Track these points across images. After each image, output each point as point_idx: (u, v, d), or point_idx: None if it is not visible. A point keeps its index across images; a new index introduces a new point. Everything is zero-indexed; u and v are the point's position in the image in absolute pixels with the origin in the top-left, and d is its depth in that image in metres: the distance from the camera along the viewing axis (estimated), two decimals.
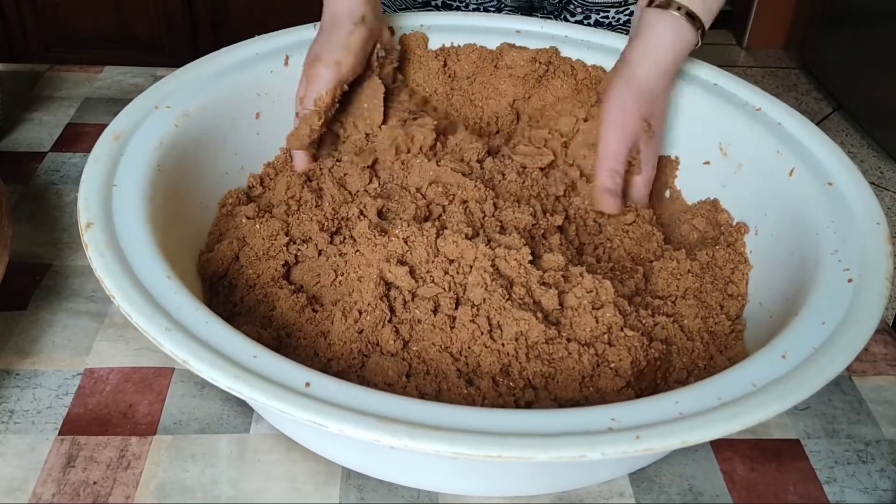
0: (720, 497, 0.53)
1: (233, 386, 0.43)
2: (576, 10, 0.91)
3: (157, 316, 0.46)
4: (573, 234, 0.65)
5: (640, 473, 0.54)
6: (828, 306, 0.50)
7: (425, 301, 0.54)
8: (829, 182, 0.61)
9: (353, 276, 0.56)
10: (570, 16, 0.92)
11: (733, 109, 0.69)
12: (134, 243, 0.51)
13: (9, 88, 0.88)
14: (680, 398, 0.44)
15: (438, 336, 0.52)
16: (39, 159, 0.80)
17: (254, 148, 0.70)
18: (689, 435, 0.41)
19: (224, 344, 0.45)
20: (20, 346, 0.61)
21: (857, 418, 0.59)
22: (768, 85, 2.80)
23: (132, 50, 2.12)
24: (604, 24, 0.92)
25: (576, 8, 0.91)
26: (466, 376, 0.52)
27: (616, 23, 0.92)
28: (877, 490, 0.55)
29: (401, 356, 0.52)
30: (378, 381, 0.51)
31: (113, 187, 0.56)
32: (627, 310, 0.56)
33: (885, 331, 0.66)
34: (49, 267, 0.68)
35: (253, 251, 0.60)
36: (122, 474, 0.53)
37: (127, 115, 0.62)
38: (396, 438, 0.40)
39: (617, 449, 0.40)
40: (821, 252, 0.55)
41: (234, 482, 0.53)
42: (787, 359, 0.46)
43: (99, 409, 0.57)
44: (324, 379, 0.44)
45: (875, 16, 2.44)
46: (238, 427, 0.56)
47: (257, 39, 0.73)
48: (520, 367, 0.51)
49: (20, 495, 0.51)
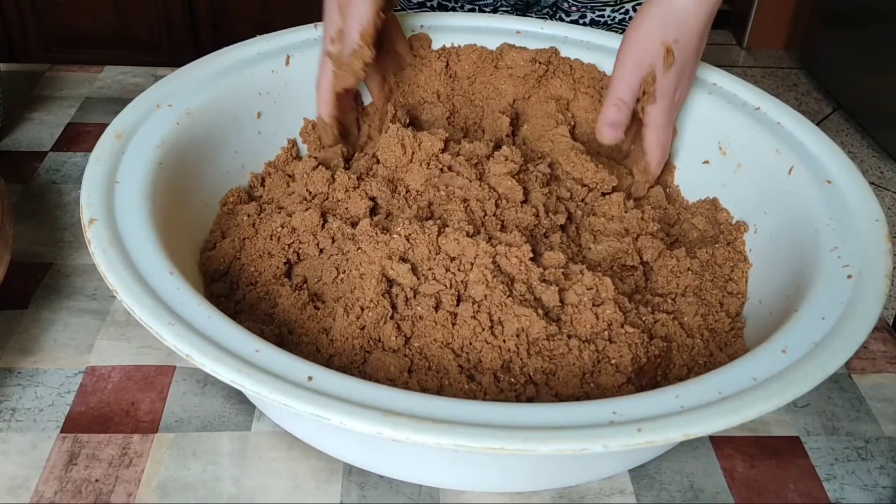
0: (720, 494, 0.54)
1: (236, 380, 0.43)
2: (570, 8, 0.91)
3: (159, 311, 0.46)
4: (574, 232, 0.65)
5: (641, 470, 0.55)
6: (827, 302, 0.50)
7: (427, 298, 0.54)
8: (828, 180, 0.61)
9: (356, 274, 0.56)
10: (565, 15, 0.92)
11: (733, 109, 0.70)
12: (136, 240, 0.52)
13: (9, 88, 0.88)
14: (681, 392, 0.44)
15: (440, 332, 0.52)
16: (40, 159, 0.81)
17: (255, 147, 0.70)
18: (690, 428, 0.41)
19: (227, 338, 0.45)
20: (22, 344, 0.61)
21: (856, 416, 0.59)
22: (768, 85, 2.81)
23: (132, 50, 2.12)
24: (599, 22, 0.92)
25: (570, 7, 0.91)
26: (468, 372, 0.52)
27: (612, 21, 0.92)
28: (877, 487, 0.55)
29: (402, 352, 0.52)
30: (380, 377, 0.51)
31: (115, 185, 0.56)
32: (628, 307, 0.57)
33: (885, 328, 0.66)
34: (50, 266, 0.68)
35: (254, 249, 0.61)
36: (124, 472, 0.53)
37: (128, 114, 0.62)
38: (399, 431, 0.40)
39: (619, 442, 0.40)
40: (820, 249, 0.55)
41: (236, 480, 0.53)
42: (787, 353, 0.46)
43: (101, 408, 0.57)
44: (326, 373, 0.44)
45: (875, 16, 2.45)
46: (240, 425, 0.56)
47: (258, 39, 0.73)
48: (521, 364, 0.52)
49: (22, 493, 0.51)
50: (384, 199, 0.63)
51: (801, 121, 0.67)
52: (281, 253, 0.60)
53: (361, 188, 0.63)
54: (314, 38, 0.75)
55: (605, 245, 0.63)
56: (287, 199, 0.65)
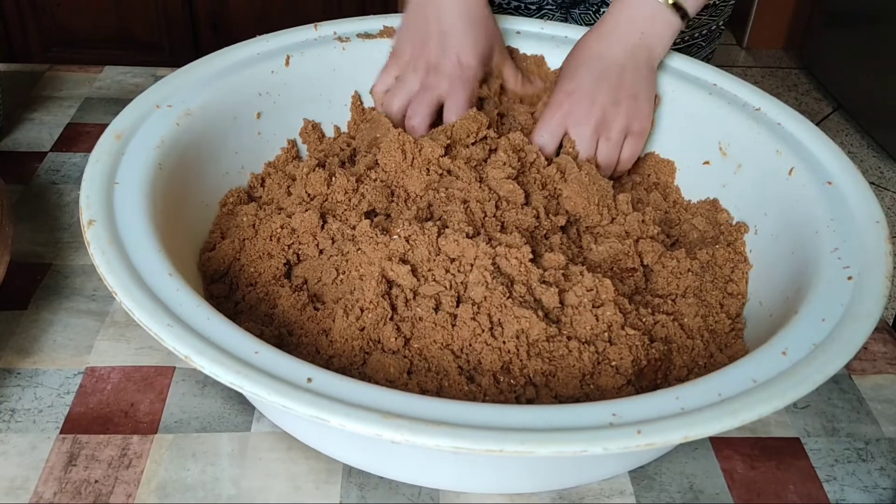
0: (720, 495, 0.53)
1: (235, 381, 0.43)
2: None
3: (158, 312, 0.46)
4: (575, 234, 0.65)
5: (641, 471, 0.54)
6: (828, 303, 0.50)
7: (427, 299, 0.54)
8: (829, 181, 0.61)
9: (355, 275, 0.56)
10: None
11: (733, 109, 0.70)
12: (135, 240, 0.52)
13: (9, 88, 0.88)
14: (681, 394, 0.44)
15: (440, 334, 0.52)
16: (40, 159, 0.81)
17: (254, 147, 0.70)
18: (690, 430, 0.41)
19: (226, 340, 0.45)
20: (21, 345, 0.61)
21: (856, 417, 0.59)
22: (768, 85, 2.81)
23: (132, 50, 2.12)
24: None
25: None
26: (467, 373, 0.52)
27: None
28: (877, 488, 0.55)
29: (402, 353, 0.52)
30: (379, 379, 0.51)
31: (114, 185, 0.56)
32: (628, 308, 0.57)
33: (885, 329, 0.66)
34: (50, 266, 0.68)
35: (254, 250, 0.61)
36: (123, 473, 0.53)
37: (128, 114, 0.62)
38: (398, 433, 0.40)
39: (618, 444, 0.40)
40: (820, 251, 0.55)
41: (236, 480, 0.53)
42: (787, 355, 0.46)
43: (100, 408, 0.57)
44: (325, 374, 0.44)
45: (875, 16, 2.45)
46: (239, 425, 0.56)
47: (258, 39, 0.73)
48: (520, 365, 0.52)
49: (22, 494, 0.51)
50: (382, 203, 0.63)
51: (801, 121, 0.67)
52: (280, 254, 0.60)
53: (360, 191, 0.63)
54: (314, 39, 0.75)
55: (605, 246, 0.63)
56: (286, 199, 0.65)
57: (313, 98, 0.74)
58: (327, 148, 0.73)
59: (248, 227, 0.62)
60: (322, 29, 0.76)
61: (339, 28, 0.76)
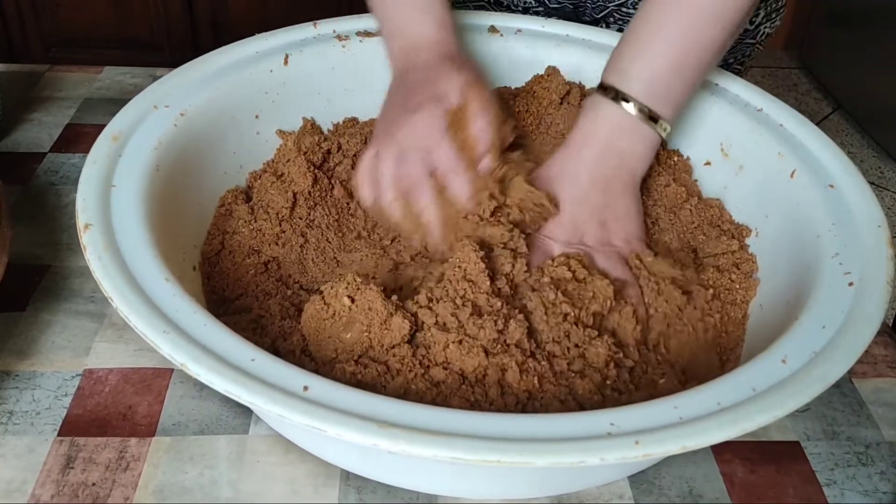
0: (720, 499, 0.53)
1: (230, 389, 0.43)
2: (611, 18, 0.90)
3: (154, 318, 0.46)
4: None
5: (640, 476, 0.54)
6: (828, 310, 0.50)
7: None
8: (831, 184, 0.60)
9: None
10: (606, 26, 0.90)
11: (735, 110, 0.69)
12: (132, 245, 0.51)
13: (9, 89, 0.88)
14: (679, 403, 0.43)
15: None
16: (39, 160, 0.80)
17: (253, 147, 0.70)
18: (688, 440, 0.41)
19: (222, 347, 0.45)
20: (19, 347, 0.61)
21: (857, 420, 0.59)
22: (768, 85, 2.80)
23: (132, 50, 2.12)
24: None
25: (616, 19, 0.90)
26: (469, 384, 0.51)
27: None
28: (877, 492, 0.54)
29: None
30: (378, 379, 0.50)
31: (111, 188, 0.55)
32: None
33: (886, 332, 0.66)
34: (48, 268, 0.68)
35: (251, 251, 0.60)
36: (121, 475, 0.52)
37: (125, 115, 0.62)
38: (394, 443, 0.40)
39: (616, 454, 0.40)
40: (821, 255, 0.55)
41: (234, 483, 0.52)
42: (787, 363, 0.46)
43: (98, 411, 0.56)
44: (322, 382, 0.43)
45: (875, 16, 2.44)
46: (237, 428, 0.56)
47: (257, 38, 0.73)
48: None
49: (19, 496, 0.51)
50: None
51: (803, 123, 0.66)
52: (273, 256, 0.60)
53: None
54: (313, 37, 0.74)
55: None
56: (276, 198, 0.64)
57: (312, 97, 0.74)
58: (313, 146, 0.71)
59: (242, 228, 0.62)
60: (321, 27, 0.75)
61: (339, 26, 0.76)
